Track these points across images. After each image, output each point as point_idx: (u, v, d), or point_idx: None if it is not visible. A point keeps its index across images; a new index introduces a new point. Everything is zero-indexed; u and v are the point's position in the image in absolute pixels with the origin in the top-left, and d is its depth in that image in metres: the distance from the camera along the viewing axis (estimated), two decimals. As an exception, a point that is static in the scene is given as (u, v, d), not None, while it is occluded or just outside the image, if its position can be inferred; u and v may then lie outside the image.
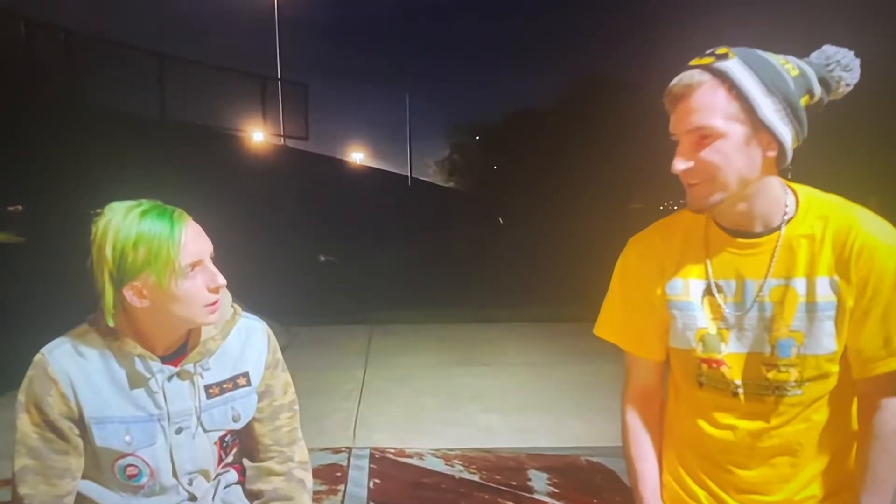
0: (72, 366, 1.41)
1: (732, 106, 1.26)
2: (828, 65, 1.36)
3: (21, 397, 1.43)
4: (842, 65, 1.36)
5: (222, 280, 1.43)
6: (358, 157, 39.57)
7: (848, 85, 1.38)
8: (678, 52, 1.39)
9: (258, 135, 17.87)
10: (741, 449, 1.43)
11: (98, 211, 1.38)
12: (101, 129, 10.24)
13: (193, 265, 1.39)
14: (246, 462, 1.64)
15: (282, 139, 19.17)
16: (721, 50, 1.29)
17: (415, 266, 13.95)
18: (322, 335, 7.95)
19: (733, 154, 1.28)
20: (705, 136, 1.28)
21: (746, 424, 1.41)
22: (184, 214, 1.41)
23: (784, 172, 1.38)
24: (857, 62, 1.38)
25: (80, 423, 1.42)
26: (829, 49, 1.38)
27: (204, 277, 1.41)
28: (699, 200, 1.34)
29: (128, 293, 1.37)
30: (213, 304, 1.44)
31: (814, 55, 1.39)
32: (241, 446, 1.65)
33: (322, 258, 15.47)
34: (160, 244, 1.34)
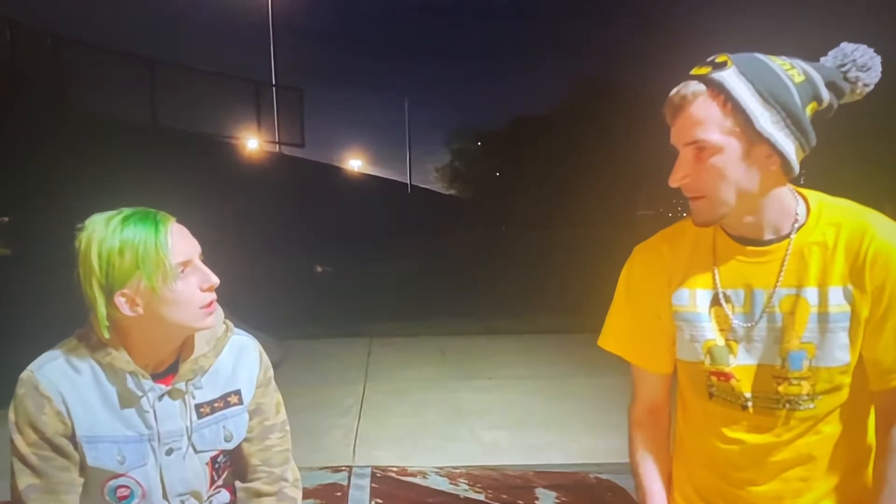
0: (63, 382, 1.39)
1: (728, 119, 1.24)
2: (843, 65, 1.31)
3: (12, 416, 1.39)
4: (858, 64, 1.31)
5: (215, 279, 1.41)
6: (356, 164, 39.82)
7: (867, 85, 1.33)
8: (684, 54, 1.36)
9: (253, 142, 18.02)
10: (751, 464, 1.40)
11: (80, 226, 1.36)
12: (91, 136, 10.28)
13: (184, 264, 1.37)
14: (237, 483, 1.61)
15: (277, 146, 19.27)
16: (720, 58, 1.26)
17: (415, 276, 14.02)
18: (319, 348, 7.97)
19: (731, 168, 1.25)
20: (702, 150, 1.26)
21: (755, 438, 1.38)
22: (167, 216, 1.39)
23: (796, 178, 1.34)
24: (876, 60, 1.32)
25: (73, 440, 1.40)
26: (846, 47, 1.33)
27: (196, 278, 1.39)
28: (702, 215, 1.32)
29: (119, 300, 1.34)
30: (209, 305, 1.41)
31: (830, 54, 1.34)
32: (233, 467, 1.61)
33: (319, 269, 15.50)
34: (147, 246, 1.33)
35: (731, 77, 1.23)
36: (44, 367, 1.40)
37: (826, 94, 1.29)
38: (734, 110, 1.23)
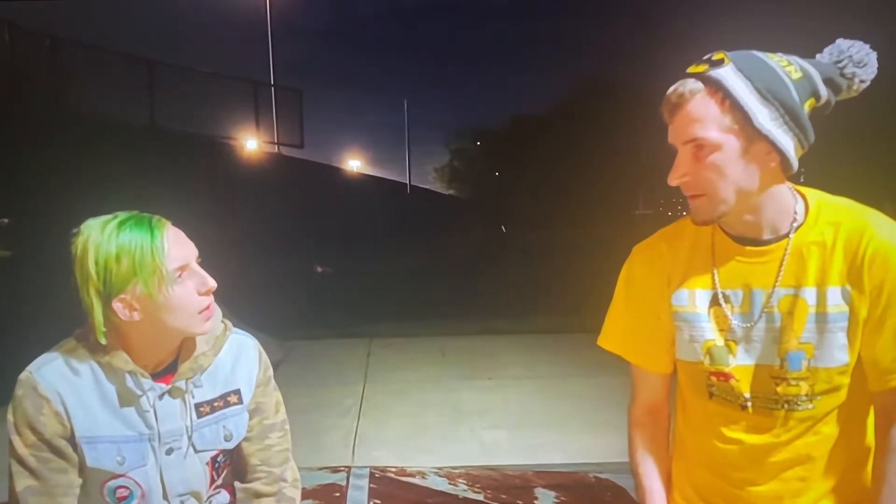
0: (62, 383, 1.39)
1: (726, 116, 1.23)
2: (839, 61, 1.31)
3: (10, 417, 1.39)
4: (854, 60, 1.31)
5: (213, 283, 1.41)
6: (355, 164, 39.55)
7: (863, 81, 1.33)
8: (682, 53, 1.33)
9: (251, 143, 17.94)
10: (750, 464, 1.39)
11: (75, 231, 1.35)
12: (90, 138, 10.24)
13: (181, 269, 1.37)
14: (236, 484, 1.61)
15: (276, 147, 19.18)
16: (717, 55, 1.25)
17: (415, 276, 13.94)
18: (319, 349, 7.91)
19: (730, 166, 1.25)
20: (701, 148, 1.25)
21: (754, 438, 1.38)
22: (163, 220, 1.39)
23: (795, 176, 1.33)
24: (872, 56, 1.31)
25: (73, 441, 1.40)
26: (842, 43, 1.33)
27: (193, 282, 1.39)
28: (700, 214, 1.31)
29: (117, 306, 1.34)
30: (207, 308, 1.41)
31: (826, 50, 1.34)
32: (232, 467, 1.61)
33: (318, 269, 15.44)
34: (143, 252, 1.32)
35: (728, 74, 1.23)
36: (42, 368, 1.39)
37: (824, 91, 1.28)
38: (732, 107, 1.22)
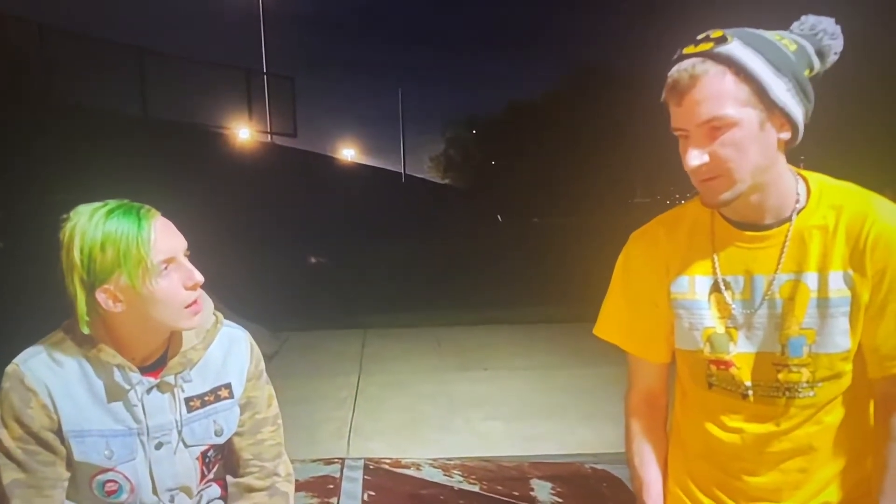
0: (49, 376, 1.38)
1: (742, 91, 1.20)
2: (815, 34, 1.30)
3: None
4: (828, 33, 1.30)
5: (199, 277, 1.39)
6: (349, 153, 39.47)
7: (836, 53, 1.31)
8: (680, 42, 1.29)
9: (244, 132, 17.85)
10: (750, 454, 1.38)
11: (65, 216, 1.34)
12: (80, 128, 10.17)
13: (166, 262, 1.35)
14: (228, 478, 1.61)
15: (269, 136, 19.11)
16: (716, 33, 1.23)
17: (410, 267, 13.98)
18: (313, 340, 7.90)
19: (749, 142, 1.22)
20: (717, 128, 1.22)
21: (755, 427, 1.37)
22: (152, 210, 1.38)
23: (795, 161, 1.32)
24: (839, 29, 1.31)
25: (60, 434, 1.40)
26: (810, 18, 1.31)
27: (180, 275, 1.37)
28: (716, 196, 1.27)
29: (101, 296, 1.33)
30: (193, 304, 1.39)
31: (795, 26, 1.32)
32: (224, 461, 1.62)
33: (312, 259, 15.40)
34: (128, 242, 1.31)
35: (738, 49, 1.20)
36: (29, 360, 1.39)
37: (817, 61, 1.28)
38: (747, 81, 1.20)
